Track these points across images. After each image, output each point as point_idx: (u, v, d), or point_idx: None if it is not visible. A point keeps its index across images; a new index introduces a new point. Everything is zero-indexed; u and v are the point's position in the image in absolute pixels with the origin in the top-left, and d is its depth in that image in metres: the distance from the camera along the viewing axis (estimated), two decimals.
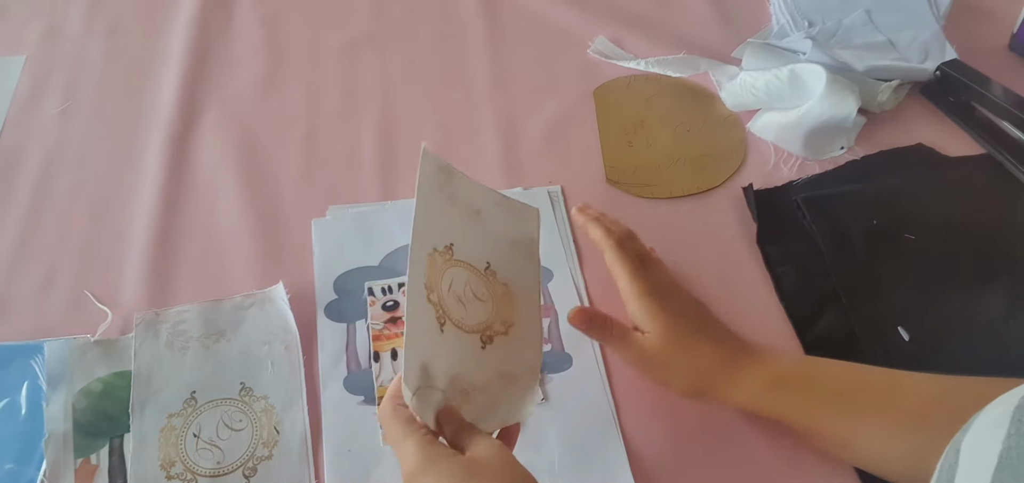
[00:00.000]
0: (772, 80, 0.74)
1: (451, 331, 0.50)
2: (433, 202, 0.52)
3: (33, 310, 0.65)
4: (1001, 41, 0.84)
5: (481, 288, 0.52)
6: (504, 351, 0.52)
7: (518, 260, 0.55)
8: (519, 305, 0.54)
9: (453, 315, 0.50)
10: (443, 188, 0.53)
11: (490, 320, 0.52)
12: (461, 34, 0.89)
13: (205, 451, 0.57)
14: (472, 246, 0.53)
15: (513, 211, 0.57)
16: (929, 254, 0.66)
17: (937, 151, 0.74)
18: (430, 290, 0.50)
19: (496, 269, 0.54)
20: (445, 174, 0.54)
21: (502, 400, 0.51)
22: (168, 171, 0.75)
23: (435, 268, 0.51)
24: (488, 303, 0.52)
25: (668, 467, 0.56)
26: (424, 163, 0.53)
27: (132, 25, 0.91)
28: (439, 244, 0.52)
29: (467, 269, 0.53)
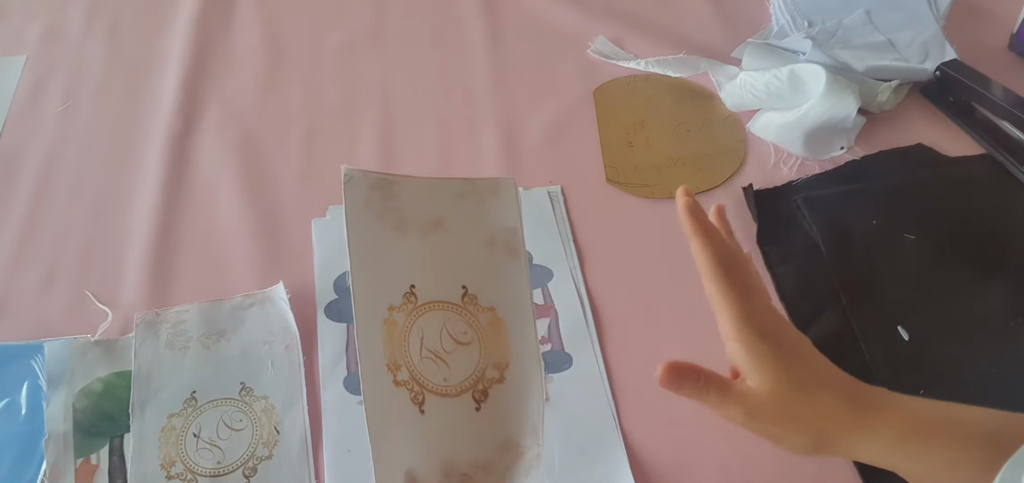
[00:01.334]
0: (772, 80, 0.74)
1: (434, 406, 0.41)
2: (373, 241, 0.42)
3: (33, 310, 0.65)
4: (1001, 41, 0.84)
5: (461, 327, 0.43)
6: (503, 407, 0.43)
7: (500, 266, 0.45)
8: (511, 332, 0.44)
9: (432, 382, 0.42)
10: (383, 217, 0.42)
11: (481, 367, 0.43)
12: (461, 34, 0.89)
13: (205, 451, 0.57)
14: (440, 274, 0.43)
15: (483, 196, 0.45)
16: (929, 254, 0.66)
17: (937, 151, 0.74)
18: (395, 368, 0.41)
19: (476, 291, 0.44)
20: (382, 192, 0.43)
21: (507, 481, 0.43)
22: (168, 171, 0.75)
23: (396, 335, 0.41)
24: (474, 344, 0.43)
25: (668, 467, 0.56)
26: (349, 192, 0.42)
27: (132, 25, 0.91)
28: (395, 297, 0.42)
29: (440, 309, 0.43)
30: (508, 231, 0.45)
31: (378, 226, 0.42)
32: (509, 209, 0.46)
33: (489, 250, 0.45)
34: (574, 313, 0.64)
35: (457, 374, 0.42)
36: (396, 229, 0.43)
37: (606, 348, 0.62)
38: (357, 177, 0.42)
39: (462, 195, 0.45)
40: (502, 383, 0.43)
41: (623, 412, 0.58)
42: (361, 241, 0.41)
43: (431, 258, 0.43)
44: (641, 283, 0.66)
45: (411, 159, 0.76)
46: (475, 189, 0.45)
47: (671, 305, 0.64)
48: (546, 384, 0.60)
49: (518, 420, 0.44)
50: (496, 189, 0.45)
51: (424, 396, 0.41)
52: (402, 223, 0.43)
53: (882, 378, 0.59)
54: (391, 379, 0.41)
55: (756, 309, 0.46)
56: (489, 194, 0.45)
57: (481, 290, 0.44)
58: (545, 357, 0.61)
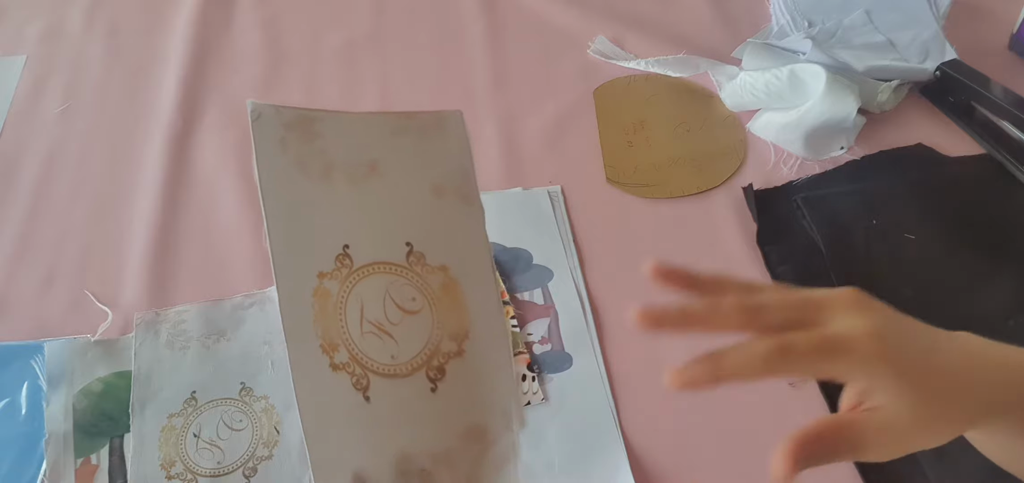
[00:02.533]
0: (772, 80, 0.74)
1: (382, 390, 0.35)
2: (294, 193, 0.35)
3: (33, 310, 0.65)
4: (1001, 41, 0.84)
5: (409, 292, 0.36)
6: (464, 386, 0.36)
7: (451, 216, 0.37)
8: (468, 295, 0.37)
9: (377, 362, 0.35)
10: (305, 164, 0.35)
11: (434, 338, 0.36)
12: (461, 34, 0.89)
13: (205, 451, 0.57)
14: (378, 230, 0.36)
15: (424, 132, 0.38)
16: (929, 254, 0.66)
17: (937, 151, 0.74)
18: (332, 349, 0.34)
19: (423, 248, 0.36)
20: (300, 132, 0.35)
21: (478, 478, 0.37)
22: (168, 171, 0.75)
23: (329, 308, 0.34)
24: (425, 311, 0.36)
25: (668, 467, 0.56)
26: (259, 132, 0.35)
27: (132, 25, 0.91)
28: (325, 261, 0.35)
29: (381, 272, 0.36)
30: (459, 174, 0.37)
31: (299, 174, 0.34)
32: (457, 148, 0.38)
33: (436, 198, 0.37)
34: (574, 313, 0.64)
35: (406, 349, 0.35)
36: (322, 178, 0.35)
37: (606, 348, 0.62)
38: (268, 114, 0.35)
39: (399, 131, 0.37)
40: (461, 357, 0.36)
41: (623, 412, 0.58)
42: (278, 193, 0.34)
43: (367, 210, 0.36)
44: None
45: None
46: (414, 124, 0.37)
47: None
48: (546, 384, 0.60)
49: (484, 400, 0.37)
50: (440, 124, 0.38)
51: (368, 380, 0.34)
52: (329, 170, 0.35)
53: None
54: (327, 363, 0.34)
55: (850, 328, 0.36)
56: (432, 130, 0.38)
57: (429, 246, 0.36)
58: (545, 357, 0.61)
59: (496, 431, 0.37)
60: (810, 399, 0.59)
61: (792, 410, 0.58)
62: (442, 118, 0.38)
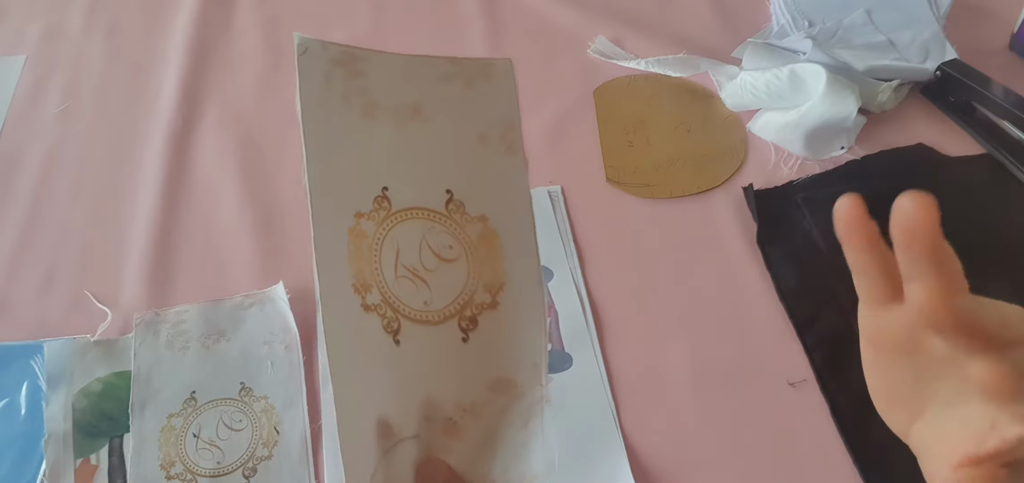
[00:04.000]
0: (772, 80, 0.74)
1: (412, 336, 0.34)
2: (337, 129, 0.34)
3: (33, 310, 0.65)
4: (1001, 41, 0.84)
5: (446, 239, 0.35)
6: (496, 338, 0.36)
7: (494, 166, 0.36)
8: (507, 247, 0.36)
9: (410, 307, 0.35)
10: (348, 99, 0.34)
11: (469, 289, 0.35)
12: (461, 34, 0.89)
13: (205, 451, 0.57)
14: (419, 174, 0.35)
15: (472, 80, 0.36)
16: None
17: (937, 151, 0.74)
18: (364, 289, 0.34)
19: (464, 196, 0.35)
20: (347, 69, 0.34)
21: (501, 429, 0.37)
22: (168, 171, 0.75)
23: (364, 249, 0.34)
24: (461, 260, 0.35)
25: (668, 467, 0.56)
26: (305, 66, 0.34)
27: (132, 25, 0.91)
28: (363, 202, 0.34)
29: (419, 218, 0.35)
30: (504, 123, 0.36)
31: (343, 109, 0.34)
32: (505, 97, 0.36)
33: (480, 146, 0.36)
34: (574, 313, 0.63)
35: (440, 297, 0.34)
36: (365, 116, 0.34)
37: (606, 348, 0.62)
38: (315, 48, 0.33)
39: (446, 78, 0.36)
40: (495, 309, 0.35)
41: (623, 412, 0.58)
42: (321, 128, 0.33)
43: (408, 154, 0.35)
44: (641, 283, 0.66)
45: None
46: (462, 71, 0.36)
47: (671, 305, 0.64)
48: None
49: (514, 354, 0.36)
50: (488, 72, 0.36)
51: (400, 323, 0.34)
52: (372, 109, 0.34)
53: None
54: (359, 302, 0.33)
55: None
56: (479, 78, 0.36)
57: (470, 195, 0.35)
58: None
59: (525, 385, 0.37)
60: (810, 399, 0.59)
61: (792, 410, 0.58)
62: (490, 65, 0.36)
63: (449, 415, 0.35)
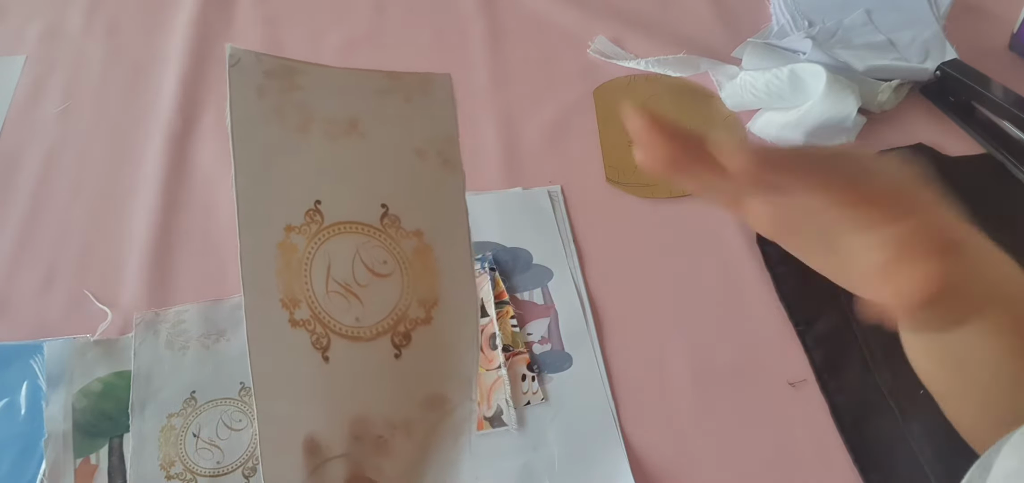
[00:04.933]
0: (772, 80, 0.74)
1: (343, 352, 0.33)
2: (268, 142, 0.34)
3: (33, 310, 0.65)
4: (1001, 41, 0.84)
5: (380, 254, 0.35)
6: (430, 354, 0.35)
7: (431, 181, 0.36)
8: (441, 262, 0.36)
9: (340, 323, 0.34)
10: (282, 113, 0.34)
11: (403, 303, 0.35)
12: (461, 34, 0.89)
13: (205, 451, 0.57)
14: (353, 188, 0.35)
15: (410, 94, 0.37)
16: None
17: (937, 151, 0.74)
18: (293, 304, 0.33)
19: (399, 211, 0.35)
20: (281, 82, 0.34)
21: (432, 446, 0.35)
22: (168, 171, 0.75)
23: (294, 263, 0.33)
24: (395, 275, 0.35)
25: (668, 467, 0.56)
26: (236, 78, 0.34)
27: (132, 25, 0.91)
28: (295, 215, 0.34)
29: (352, 232, 0.35)
30: (442, 138, 0.37)
31: (276, 122, 0.33)
32: (443, 112, 0.37)
33: (418, 161, 0.36)
34: (574, 313, 0.63)
35: (372, 313, 0.34)
36: (299, 130, 0.34)
37: (606, 348, 0.62)
38: (248, 60, 0.33)
39: (384, 92, 0.36)
40: (428, 324, 0.35)
41: (623, 412, 0.58)
42: (251, 141, 0.33)
43: (343, 167, 0.35)
44: (641, 283, 0.66)
45: None
46: (400, 85, 0.37)
47: (671, 305, 0.64)
48: (546, 384, 0.60)
49: (447, 370, 0.36)
50: (426, 87, 0.37)
51: (329, 339, 0.33)
52: (307, 123, 0.34)
53: (882, 378, 0.59)
54: (287, 318, 0.32)
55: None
56: (417, 93, 0.37)
57: (405, 210, 0.35)
58: (545, 357, 0.61)
59: (456, 399, 0.36)
60: (810, 399, 0.59)
61: (792, 410, 0.58)
62: (429, 80, 0.37)
63: (380, 433, 0.34)
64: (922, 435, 0.55)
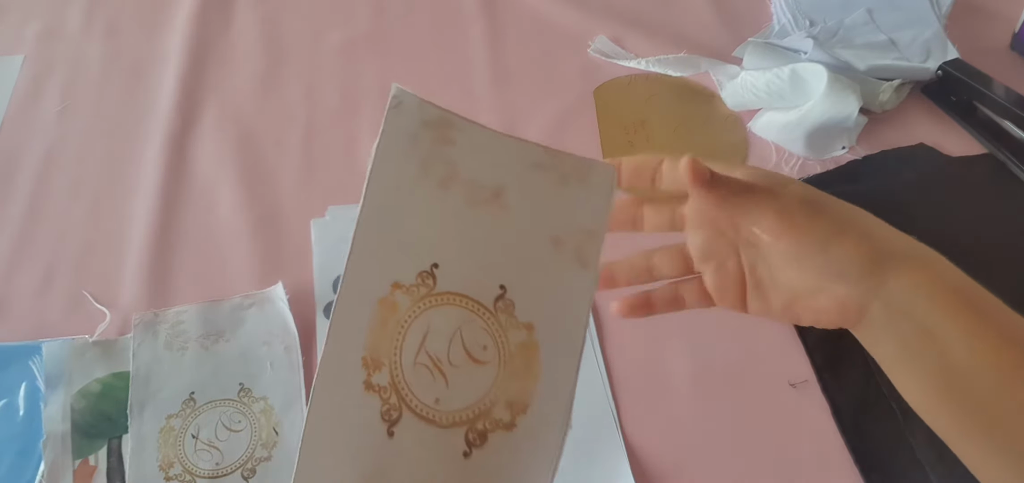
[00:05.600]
0: (773, 80, 0.74)
1: (410, 432, 0.31)
2: (402, 190, 0.33)
3: (31, 310, 0.65)
4: (1003, 40, 0.84)
5: (483, 338, 0.32)
6: (501, 462, 0.32)
7: (560, 274, 0.33)
8: (545, 365, 0.32)
9: (419, 400, 0.32)
10: (428, 165, 0.33)
11: (490, 399, 0.32)
12: (461, 34, 0.89)
13: (204, 452, 0.57)
14: (476, 260, 0.33)
15: (566, 177, 0.34)
16: None
17: (939, 151, 0.74)
18: (374, 366, 0.32)
19: (516, 297, 0.33)
20: (436, 133, 0.33)
21: None
22: (167, 171, 0.75)
23: (391, 323, 0.32)
24: (492, 366, 0.32)
25: (668, 467, 0.56)
26: (394, 120, 0.33)
27: (131, 25, 0.91)
28: (407, 272, 0.32)
29: (461, 306, 0.33)
30: (584, 233, 0.34)
31: (418, 174, 0.32)
32: (596, 205, 0.34)
33: (551, 249, 0.33)
34: None
35: (455, 398, 0.32)
36: (440, 186, 0.33)
37: (606, 348, 0.62)
38: (410, 104, 0.33)
39: (538, 166, 0.33)
40: (510, 430, 0.32)
41: (623, 412, 0.58)
42: (387, 184, 0.32)
43: (472, 236, 0.33)
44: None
45: None
46: (558, 163, 0.34)
47: None
48: None
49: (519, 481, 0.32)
50: (585, 173, 0.34)
51: (401, 414, 0.31)
52: (450, 181, 0.33)
53: (883, 378, 0.58)
54: (362, 379, 0.31)
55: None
56: (574, 177, 0.34)
57: (524, 297, 0.33)
58: None
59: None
60: (811, 399, 0.58)
61: (793, 410, 0.58)
62: (591, 167, 0.35)
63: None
64: (923, 435, 0.55)
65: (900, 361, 0.36)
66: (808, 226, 0.35)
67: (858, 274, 0.35)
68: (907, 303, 0.35)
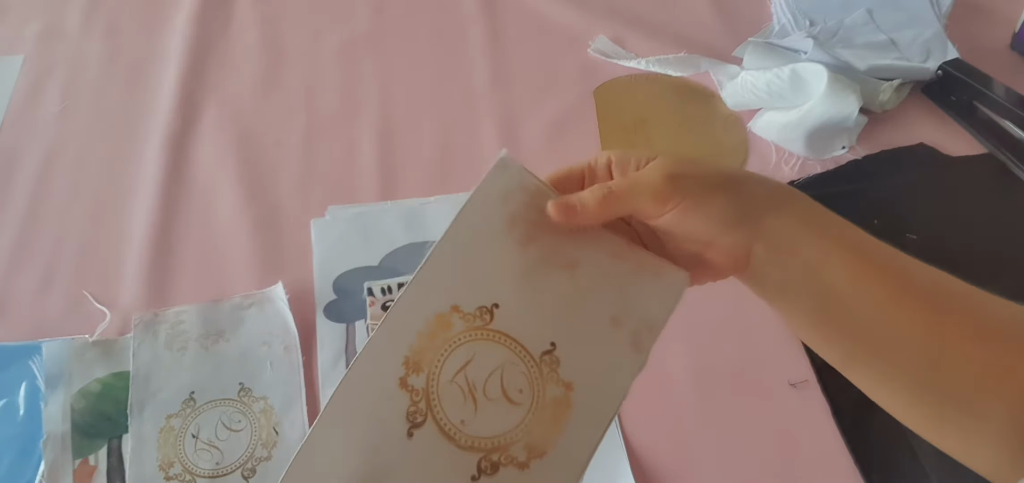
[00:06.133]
0: (773, 79, 0.74)
1: (429, 438, 0.33)
2: (484, 233, 0.35)
3: (31, 310, 0.65)
4: (1003, 40, 0.83)
5: (521, 382, 0.34)
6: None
7: (610, 348, 0.36)
8: (572, 423, 0.35)
9: (445, 415, 0.33)
10: (513, 220, 0.36)
11: (511, 436, 0.34)
12: (461, 34, 0.88)
13: (204, 452, 0.57)
14: (536, 313, 0.35)
15: (641, 270, 0.37)
16: (931, 254, 0.65)
17: (939, 151, 0.74)
18: (414, 368, 0.34)
19: (563, 356, 0.35)
20: (528, 196, 0.37)
21: None
22: (167, 171, 0.75)
23: (439, 338, 0.34)
24: (521, 409, 0.34)
25: (668, 467, 0.56)
26: (494, 175, 0.36)
27: (131, 25, 0.91)
28: (469, 301, 0.35)
29: (509, 347, 0.35)
30: (645, 322, 0.36)
31: (503, 227, 0.35)
32: (662, 301, 0.37)
33: (609, 326, 0.36)
34: None
35: (479, 426, 0.33)
36: (519, 243, 0.36)
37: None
38: (512, 170, 0.36)
39: (616, 255, 0.37)
40: (522, 470, 0.33)
41: (623, 412, 0.58)
42: (472, 223, 0.35)
43: (538, 293, 0.35)
44: None
45: (410, 159, 0.76)
46: (634, 256, 0.37)
47: None
48: None
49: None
50: (659, 272, 0.37)
51: (425, 419, 0.33)
52: (530, 242, 0.36)
53: None
54: (400, 375, 0.33)
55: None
56: (649, 271, 0.37)
57: (570, 359, 0.35)
58: None
59: None
60: (811, 399, 0.58)
61: (793, 410, 0.58)
62: (665, 269, 0.38)
63: None
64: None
65: (785, 295, 0.39)
66: (680, 196, 0.37)
67: (736, 220, 0.38)
68: (787, 240, 0.38)
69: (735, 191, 0.38)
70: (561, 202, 0.38)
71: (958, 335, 0.36)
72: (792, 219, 0.38)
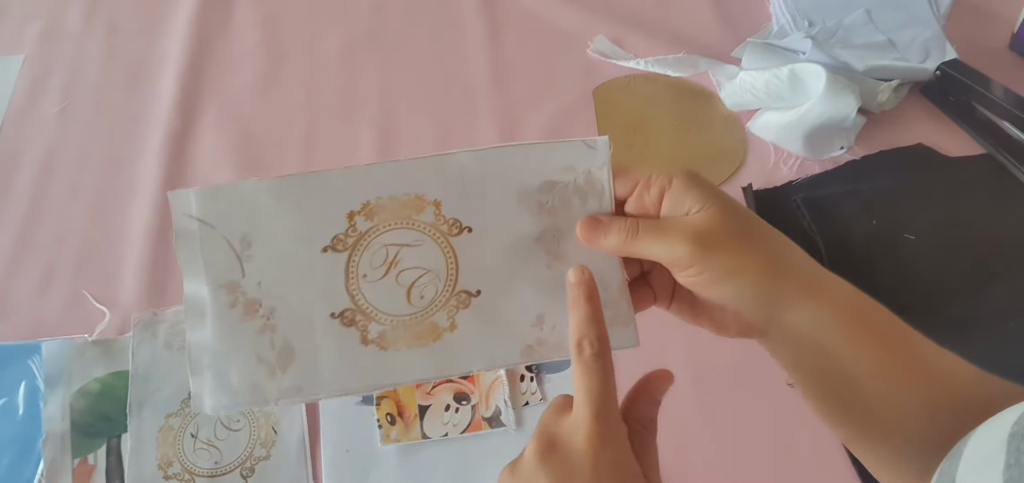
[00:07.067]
0: (772, 80, 0.74)
1: (335, 263, 0.37)
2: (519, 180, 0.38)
3: (31, 310, 0.65)
4: (1002, 41, 0.84)
5: (427, 296, 0.37)
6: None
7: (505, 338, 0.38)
8: (426, 352, 0.37)
9: (362, 258, 0.37)
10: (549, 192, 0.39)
11: (380, 316, 0.37)
12: (461, 34, 0.89)
13: (203, 451, 0.57)
14: (492, 264, 0.38)
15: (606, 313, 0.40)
16: (929, 255, 0.66)
17: (937, 151, 0.74)
18: (367, 214, 0.37)
19: (475, 305, 0.38)
20: (584, 182, 0.39)
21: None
22: (167, 171, 0.75)
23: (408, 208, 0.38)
24: (408, 312, 0.37)
25: (668, 467, 0.56)
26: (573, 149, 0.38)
27: (131, 25, 0.91)
28: (452, 208, 0.38)
29: (446, 264, 0.37)
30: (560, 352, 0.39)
31: (537, 187, 0.38)
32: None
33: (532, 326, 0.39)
34: None
35: (372, 290, 0.37)
36: (538, 208, 0.39)
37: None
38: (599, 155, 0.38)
39: (602, 283, 0.40)
40: (364, 345, 0.37)
41: None
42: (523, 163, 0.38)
43: (512, 252, 0.38)
44: None
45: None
46: (614, 297, 0.41)
47: None
48: (545, 385, 0.59)
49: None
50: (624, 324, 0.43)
51: (345, 251, 0.36)
52: (551, 212, 0.39)
53: None
54: (352, 208, 0.37)
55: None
56: (612, 315, 0.41)
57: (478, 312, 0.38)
58: None
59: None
60: None
61: (792, 411, 0.58)
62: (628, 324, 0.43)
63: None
64: None
65: (796, 372, 0.40)
66: (701, 267, 0.38)
67: (754, 306, 0.39)
68: (800, 331, 0.38)
69: (762, 276, 0.38)
70: (590, 219, 0.40)
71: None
72: (817, 315, 0.38)
